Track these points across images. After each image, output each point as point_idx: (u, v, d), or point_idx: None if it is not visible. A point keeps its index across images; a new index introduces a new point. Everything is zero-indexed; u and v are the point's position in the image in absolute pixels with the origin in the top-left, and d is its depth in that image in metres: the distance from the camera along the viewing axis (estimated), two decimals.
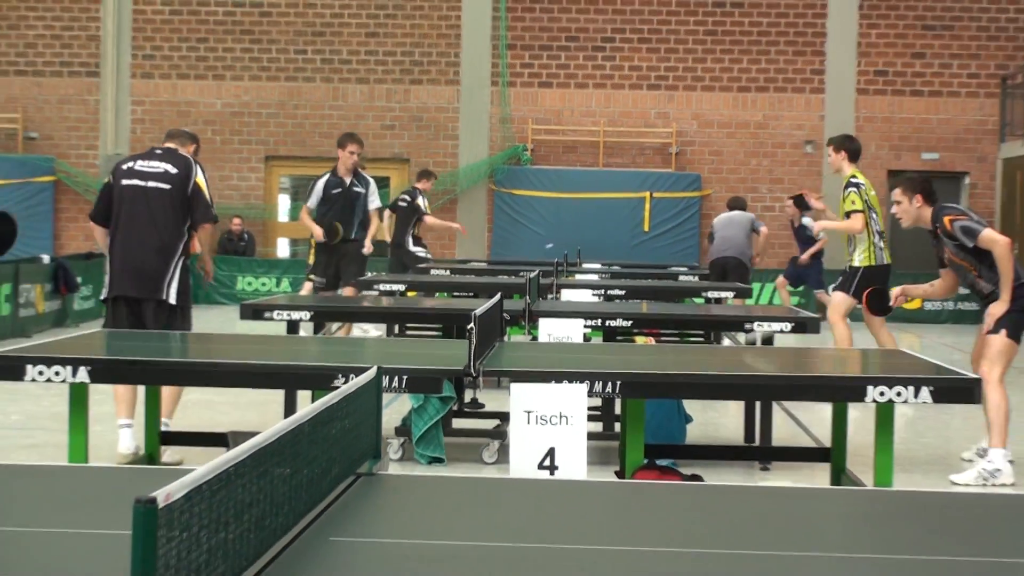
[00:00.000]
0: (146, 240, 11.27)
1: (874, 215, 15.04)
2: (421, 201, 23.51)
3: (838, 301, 15.38)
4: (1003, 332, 11.40)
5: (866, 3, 31.51)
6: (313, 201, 18.04)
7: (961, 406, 10.64)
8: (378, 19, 31.88)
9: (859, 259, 14.98)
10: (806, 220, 26.23)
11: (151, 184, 11.36)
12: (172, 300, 11.23)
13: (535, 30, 31.79)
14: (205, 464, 3.23)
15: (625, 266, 22.90)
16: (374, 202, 18.03)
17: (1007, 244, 11.35)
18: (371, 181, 18.18)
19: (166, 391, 11.49)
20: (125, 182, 11.43)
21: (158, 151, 11.65)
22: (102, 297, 11.56)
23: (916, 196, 11.83)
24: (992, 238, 11.34)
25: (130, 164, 11.57)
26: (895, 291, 12.16)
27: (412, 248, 22.74)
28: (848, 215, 15.06)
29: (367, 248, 17.91)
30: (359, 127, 31.34)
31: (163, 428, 11.30)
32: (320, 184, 17.95)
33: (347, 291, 17.43)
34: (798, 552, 4.18)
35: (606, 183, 31.27)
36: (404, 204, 23.19)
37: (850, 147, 15.38)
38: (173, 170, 11.42)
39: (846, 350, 12.67)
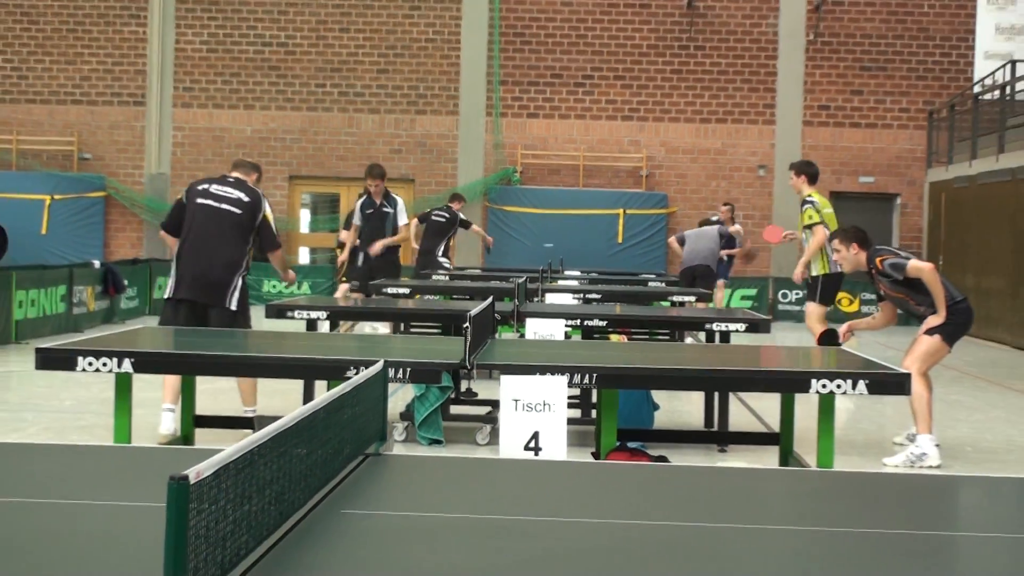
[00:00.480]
0: (216, 255, 11.37)
1: (827, 229, 15.08)
2: (462, 216, 23.63)
3: (811, 310, 15.39)
4: (938, 336, 11.40)
5: (811, 46, 31.55)
6: (356, 219, 18.40)
7: (893, 397, 10.64)
8: (388, 57, 31.90)
9: (816, 269, 15.03)
10: (736, 227, 26.24)
11: (224, 207, 11.47)
12: (233, 307, 11.35)
13: (524, 68, 31.81)
14: (232, 445, 3.21)
15: (601, 273, 22.87)
16: (402, 219, 18.28)
17: (931, 269, 11.35)
18: (399, 201, 18.42)
19: (245, 384, 11.65)
20: (200, 201, 11.53)
21: (230, 179, 11.74)
22: (166, 296, 11.62)
23: (852, 245, 11.80)
24: (917, 267, 11.32)
25: (205, 186, 11.66)
26: (842, 328, 12.13)
27: (440, 258, 22.70)
28: (808, 228, 15.11)
29: (375, 248, 18.04)
30: (371, 151, 31.41)
31: (255, 415, 11.41)
32: (358, 205, 18.32)
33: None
34: (750, 524, 4.16)
35: (585, 201, 31.28)
36: (442, 220, 23.01)
37: (809, 171, 15.44)
38: (245, 199, 11.54)
39: (793, 348, 12.63)
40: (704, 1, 31.60)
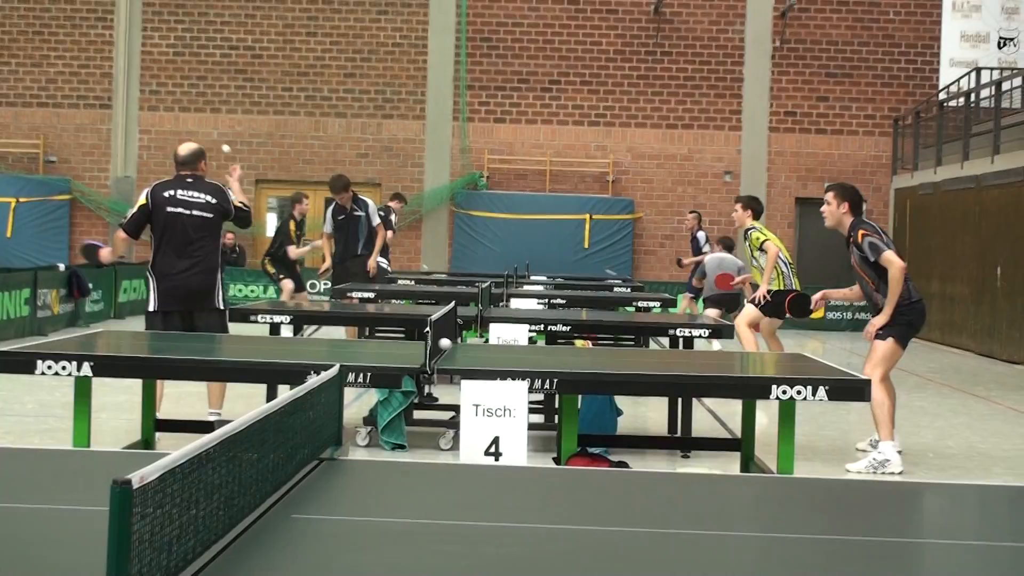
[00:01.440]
0: (197, 264, 11.44)
1: (780, 252, 15.32)
2: (393, 218, 23.50)
3: (746, 311, 15.50)
4: (891, 339, 11.40)
5: (777, 53, 31.62)
6: (328, 227, 18.76)
7: (858, 403, 10.63)
8: (355, 61, 31.87)
9: (772, 283, 15.14)
10: (700, 234, 25.93)
11: (195, 213, 11.38)
12: (221, 306, 11.55)
13: (491, 73, 31.80)
14: (179, 449, 3.17)
15: (567, 278, 22.84)
16: (375, 219, 18.47)
17: (901, 268, 11.27)
18: (369, 203, 18.69)
19: (215, 385, 11.66)
20: (170, 209, 11.33)
21: (188, 179, 11.46)
22: (151, 309, 11.46)
23: (844, 203, 11.74)
24: (890, 259, 11.28)
25: (171, 192, 11.39)
26: (816, 296, 12.14)
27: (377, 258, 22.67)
28: (760, 249, 15.29)
29: (371, 265, 18.35)
30: (337, 155, 31.38)
31: (217, 418, 11.34)
32: (329, 212, 18.52)
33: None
34: (708, 531, 4.13)
35: (552, 206, 31.28)
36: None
37: (755, 207, 15.65)
38: (212, 200, 11.44)
39: (755, 354, 12.63)
40: (671, 7, 31.65)
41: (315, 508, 4.17)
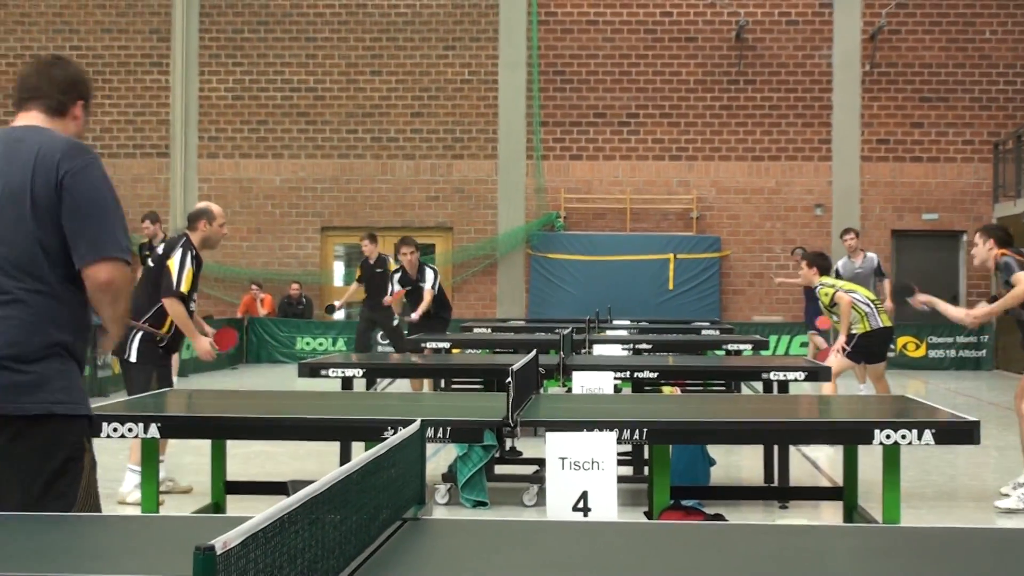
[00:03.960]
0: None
1: (856, 294, 15.46)
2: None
3: (835, 361, 15.48)
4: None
5: (868, 78, 31.53)
6: (395, 288, 19.86)
7: (964, 447, 10.57)
8: (422, 100, 32.05)
9: (856, 327, 15.25)
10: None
11: (148, 262, 12.18)
12: (132, 359, 11.63)
13: (565, 108, 31.90)
14: (262, 512, 3.21)
15: (652, 322, 22.82)
16: (427, 284, 19.12)
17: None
18: (428, 273, 19.46)
19: (136, 442, 11.78)
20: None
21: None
22: None
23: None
24: (1020, 279, 11.70)
25: None
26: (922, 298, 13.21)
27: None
28: (834, 305, 15.57)
29: (415, 316, 19.16)
30: (406, 199, 31.53)
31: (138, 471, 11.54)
32: (395, 279, 19.81)
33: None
34: None
35: (633, 246, 31.28)
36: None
37: (821, 264, 15.83)
38: (160, 251, 12.09)
39: (855, 397, 12.59)
40: (753, 33, 31.65)
41: (401, 571, 4.20)
